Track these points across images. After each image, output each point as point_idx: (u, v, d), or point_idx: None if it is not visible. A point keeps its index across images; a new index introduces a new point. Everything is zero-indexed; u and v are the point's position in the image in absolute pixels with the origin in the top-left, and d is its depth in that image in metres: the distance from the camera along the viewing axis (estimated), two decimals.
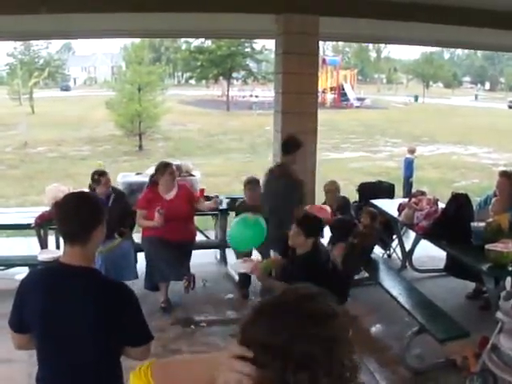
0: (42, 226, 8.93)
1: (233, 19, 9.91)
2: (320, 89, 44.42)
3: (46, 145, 31.00)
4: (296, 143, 8.12)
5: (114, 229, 8.11)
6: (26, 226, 9.07)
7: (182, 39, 62.83)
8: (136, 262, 8.44)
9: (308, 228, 6.20)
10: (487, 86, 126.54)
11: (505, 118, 50.11)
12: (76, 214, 3.14)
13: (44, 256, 8.25)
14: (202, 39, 53.80)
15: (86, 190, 8.62)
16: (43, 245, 9.12)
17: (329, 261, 6.55)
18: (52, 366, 3.20)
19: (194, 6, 8.78)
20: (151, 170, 9.59)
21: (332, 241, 9.14)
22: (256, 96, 61.75)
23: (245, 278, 8.56)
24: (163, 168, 8.29)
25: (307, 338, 1.63)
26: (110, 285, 3.32)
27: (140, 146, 29.90)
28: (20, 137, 32.74)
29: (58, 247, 9.22)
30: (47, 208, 9.07)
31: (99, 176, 8.42)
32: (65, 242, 3.19)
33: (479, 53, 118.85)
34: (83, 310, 3.05)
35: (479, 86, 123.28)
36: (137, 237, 8.79)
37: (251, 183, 8.90)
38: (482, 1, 9.13)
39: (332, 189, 9.58)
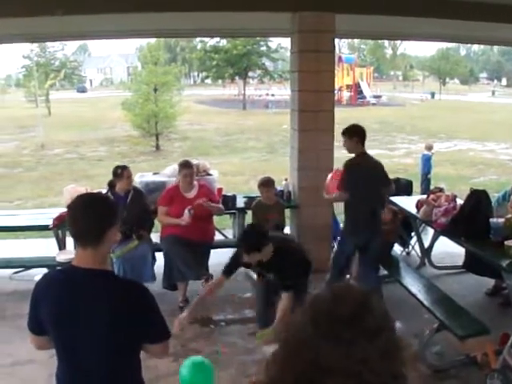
0: (59, 227, 8.94)
1: (248, 18, 9.90)
2: (336, 87, 44.36)
3: (62, 146, 31.13)
4: None
5: (132, 227, 8.13)
6: (44, 228, 9.10)
7: (198, 39, 62.85)
8: (154, 261, 8.45)
9: (253, 246, 6.07)
10: (504, 81, 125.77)
11: None
12: (88, 216, 3.09)
13: (62, 257, 8.31)
14: (218, 38, 53.84)
15: (104, 190, 8.67)
16: (61, 246, 9.15)
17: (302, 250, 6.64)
18: (70, 366, 3.21)
19: (209, 5, 8.79)
20: (168, 170, 9.63)
21: None
22: (272, 95, 61.72)
23: None
24: (180, 167, 8.44)
25: (378, 356, 1.60)
26: (124, 284, 3.34)
27: (157, 146, 29.94)
28: (37, 139, 32.91)
29: (76, 248, 9.25)
30: (65, 209, 9.08)
31: (122, 170, 8.43)
32: (77, 244, 3.18)
33: (495, 48, 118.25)
34: (98, 311, 3.05)
35: (496, 81, 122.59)
36: (155, 236, 8.81)
37: (266, 183, 8.89)
38: None
39: None
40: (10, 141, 34.54)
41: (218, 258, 8.91)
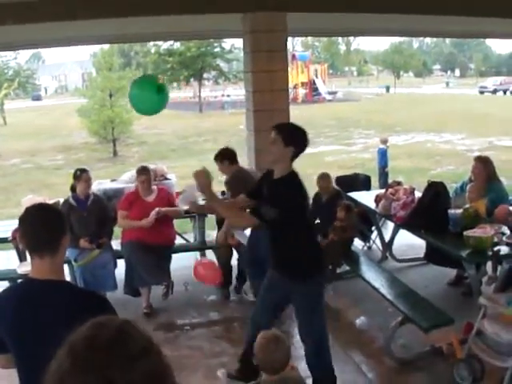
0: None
1: (200, 20, 9.86)
2: (291, 85, 44.51)
3: (19, 156, 30.77)
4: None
5: (92, 233, 8.09)
6: (4, 240, 8.97)
7: (151, 42, 62.65)
8: (115, 267, 8.39)
9: None
10: (457, 72, 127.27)
11: (476, 104, 50.52)
12: (44, 225, 3.08)
13: (23, 269, 8.21)
14: (171, 42, 53.65)
15: (62, 199, 8.63)
16: (22, 257, 9.02)
17: None
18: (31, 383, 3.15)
19: (161, 9, 8.73)
20: (126, 176, 9.59)
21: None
22: (228, 95, 61.74)
23: (226, 278, 8.54)
24: (137, 173, 8.51)
25: (144, 380, 1.55)
26: (83, 295, 3.28)
27: (114, 152, 29.75)
28: None
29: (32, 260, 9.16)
30: None
31: (81, 172, 8.34)
32: (33, 255, 3.12)
33: (448, 40, 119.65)
34: (57, 325, 2.99)
35: (449, 73, 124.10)
36: (115, 243, 8.74)
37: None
38: None
39: (323, 186, 9.46)
40: None
41: (179, 262, 8.91)
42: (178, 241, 9.46)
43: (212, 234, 9.67)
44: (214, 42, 54.96)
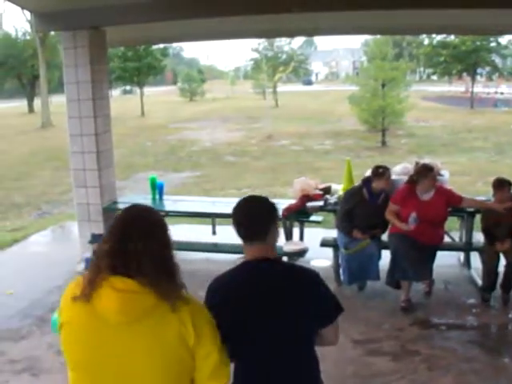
0: (288, 217, 9.19)
1: (479, 15, 9.58)
2: None
3: (288, 138, 31.75)
4: None
5: (376, 227, 8.42)
6: None
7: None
8: (379, 258, 8.49)
9: None
10: None
11: None
12: (254, 218, 3.32)
13: (289, 247, 8.60)
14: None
15: (329, 183, 8.83)
16: (288, 236, 9.30)
17: None
18: (251, 361, 3.27)
19: (442, 2, 8.56)
20: (398, 168, 9.55)
21: None
22: (501, 93, 59.57)
23: (489, 283, 8.25)
24: (426, 172, 8.15)
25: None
26: (295, 270, 3.40)
27: (383, 142, 29.73)
28: (264, 130, 33.82)
29: (301, 239, 9.67)
30: (293, 200, 9.45)
31: (383, 170, 8.42)
32: (244, 241, 3.34)
33: None
34: (278, 302, 3.16)
35: None
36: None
37: (498, 186, 8.45)
38: None
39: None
40: (239, 130, 35.81)
41: (444, 260, 8.79)
42: (445, 239, 9.22)
43: (477, 236, 9.34)
44: (489, 37, 53.21)
